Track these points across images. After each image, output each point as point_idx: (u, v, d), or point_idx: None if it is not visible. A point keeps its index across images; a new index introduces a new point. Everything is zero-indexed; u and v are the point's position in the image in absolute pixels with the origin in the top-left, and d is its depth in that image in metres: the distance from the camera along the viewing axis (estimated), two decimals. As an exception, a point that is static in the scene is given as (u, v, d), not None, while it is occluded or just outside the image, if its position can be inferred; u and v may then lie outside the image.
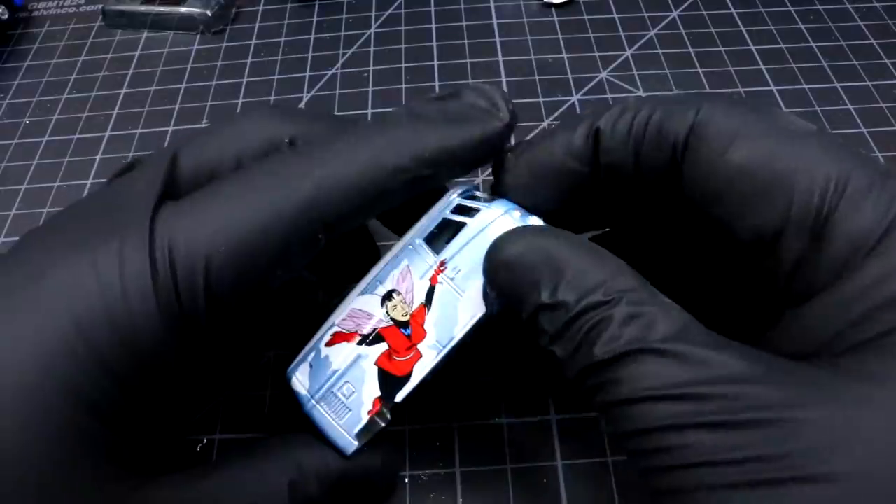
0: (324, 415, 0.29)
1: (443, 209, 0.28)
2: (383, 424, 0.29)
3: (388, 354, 0.28)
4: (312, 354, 0.30)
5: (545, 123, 0.51)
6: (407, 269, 0.28)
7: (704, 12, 0.59)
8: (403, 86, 0.55)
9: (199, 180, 0.27)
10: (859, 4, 0.59)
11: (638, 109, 0.26)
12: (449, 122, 0.27)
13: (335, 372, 0.29)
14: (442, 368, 0.28)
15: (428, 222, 0.29)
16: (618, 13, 0.60)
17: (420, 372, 0.28)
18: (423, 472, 0.35)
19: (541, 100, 0.53)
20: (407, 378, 0.28)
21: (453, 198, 0.29)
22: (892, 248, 0.21)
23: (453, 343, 0.28)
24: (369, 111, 0.53)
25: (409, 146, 0.26)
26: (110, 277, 0.22)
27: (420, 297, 0.28)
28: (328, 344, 0.29)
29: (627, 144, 0.26)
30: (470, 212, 0.28)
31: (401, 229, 0.30)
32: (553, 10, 0.60)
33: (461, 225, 0.27)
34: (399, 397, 0.28)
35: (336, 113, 0.53)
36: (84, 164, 0.52)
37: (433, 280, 0.27)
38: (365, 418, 0.29)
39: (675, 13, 0.59)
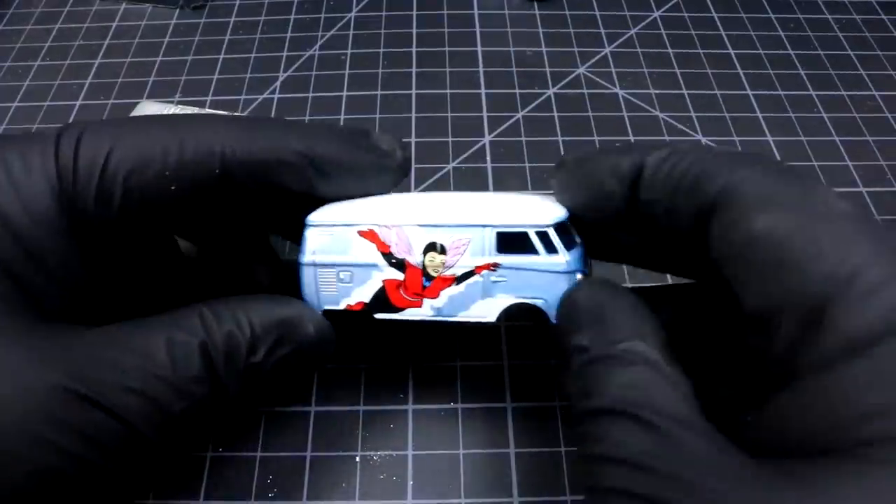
0: (311, 278, 0.30)
1: (530, 222, 0.29)
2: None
3: (397, 284, 0.30)
4: (341, 228, 0.30)
5: (520, 114, 0.51)
6: (466, 242, 0.29)
7: (685, 14, 0.60)
8: (380, 70, 0.55)
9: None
10: (839, 16, 0.60)
11: (683, 156, 0.26)
12: (349, 143, 0.31)
13: (348, 257, 0.30)
14: (420, 325, 0.30)
15: (509, 218, 0.29)
16: (599, 10, 0.60)
17: (409, 315, 0.30)
18: (374, 453, 0.35)
19: (517, 91, 0.53)
20: (396, 310, 0.30)
21: (544, 219, 0.29)
22: (881, 356, 0.20)
23: (449, 320, 0.30)
24: (344, 93, 0.53)
25: (311, 138, 0.30)
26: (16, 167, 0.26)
27: (457, 271, 0.29)
28: (361, 233, 0.30)
29: (665, 188, 0.26)
30: (550, 246, 0.29)
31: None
32: (535, 3, 0.60)
33: (535, 250, 0.29)
34: (379, 316, 0.30)
35: (311, 94, 0.53)
36: (53, 132, 0.51)
37: (478, 269, 0.29)
38: (341, 306, 0.30)
39: (656, 13, 0.60)
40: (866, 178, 0.47)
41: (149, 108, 0.43)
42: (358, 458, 0.35)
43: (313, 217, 0.31)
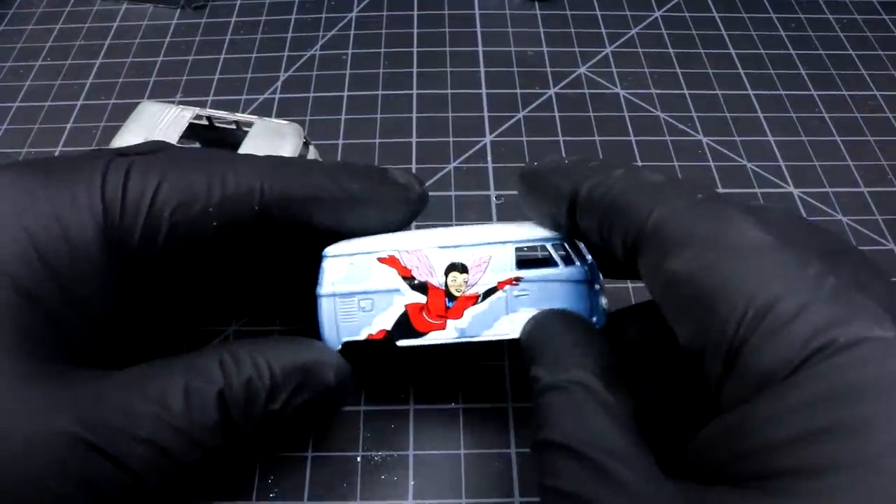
0: (331, 309, 0.30)
1: (544, 237, 0.30)
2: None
3: (420, 308, 0.30)
4: (360, 257, 0.30)
5: (521, 114, 0.51)
6: (488, 259, 0.30)
7: (686, 14, 0.60)
8: (381, 70, 0.55)
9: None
10: (840, 15, 0.60)
11: (610, 188, 0.26)
12: (370, 179, 0.32)
13: (369, 285, 0.30)
14: (443, 349, 0.30)
15: (526, 235, 0.30)
16: (600, 10, 0.60)
17: (433, 339, 0.30)
18: (376, 454, 0.35)
19: (518, 91, 0.53)
20: (419, 335, 0.30)
21: (556, 234, 0.30)
22: (786, 393, 0.19)
23: (475, 340, 0.30)
24: (345, 93, 0.53)
25: (337, 175, 0.31)
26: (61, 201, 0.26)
27: (480, 289, 0.30)
28: (381, 260, 0.30)
29: (594, 219, 0.26)
30: (567, 258, 0.30)
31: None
32: (536, 3, 0.60)
33: (554, 263, 0.30)
34: (401, 343, 0.30)
35: (312, 94, 0.53)
36: (54, 132, 0.51)
37: (500, 285, 0.29)
38: (362, 336, 0.30)
39: (657, 13, 0.60)
40: (867, 179, 0.47)
41: (149, 108, 0.43)
42: (359, 459, 0.35)
43: (330, 249, 0.31)
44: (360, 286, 0.30)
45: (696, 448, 0.22)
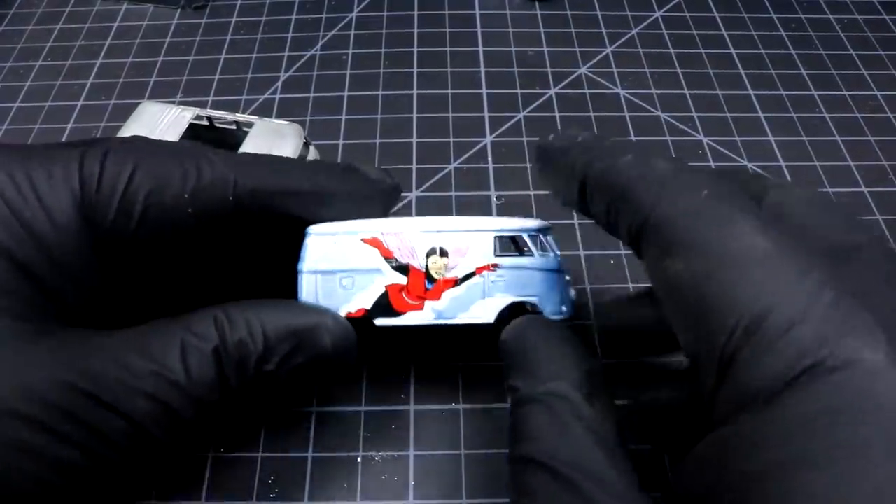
0: (311, 285, 0.31)
1: (523, 226, 0.31)
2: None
3: (400, 288, 0.30)
4: (344, 236, 0.31)
5: (521, 115, 0.51)
6: (467, 246, 0.30)
7: (687, 14, 0.60)
8: (381, 70, 0.55)
9: None
10: (841, 16, 0.60)
11: (619, 173, 0.26)
12: (343, 174, 0.33)
13: (351, 264, 0.31)
14: (421, 331, 0.31)
15: (506, 225, 0.31)
16: (601, 10, 0.60)
17: (410, 319, 0.30)
18: (376, 454, 0.35)
19: (518, 91, 0.53)
20: (397, 315, 0.30)
21: (533, 224, 0.31)
22: (771, 413, 0.19)
23: (450, 322, 0.30)
24: (345, 94, 0.53)
25: (311, 170, 0.32)
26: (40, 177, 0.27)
27: (459, 273, 0.30)
28: (364, 240, 0.31)
29: (602, 203, 0.26)
30: (542, 247, 0.31)
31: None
32: (536, 3, 0.60)
33: (530, 252, 0.31)
34: (379, 322, 0.30)
35: (312, 95, 0.53)
36: (55, 132, 0.51)
37: (479, 270, 0.30)
38: (342, 313, 0.30)
39: (657, 13, 0.60)
40: (868, 179, 0.47)
41: (150, 108, 0.43)
42: (360, 459, 0.35)
43: (314, 227, 0.31)
44: (343, 265, 0.31)
45: (683, 470, 0.22)
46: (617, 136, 0.50)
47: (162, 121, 0.42)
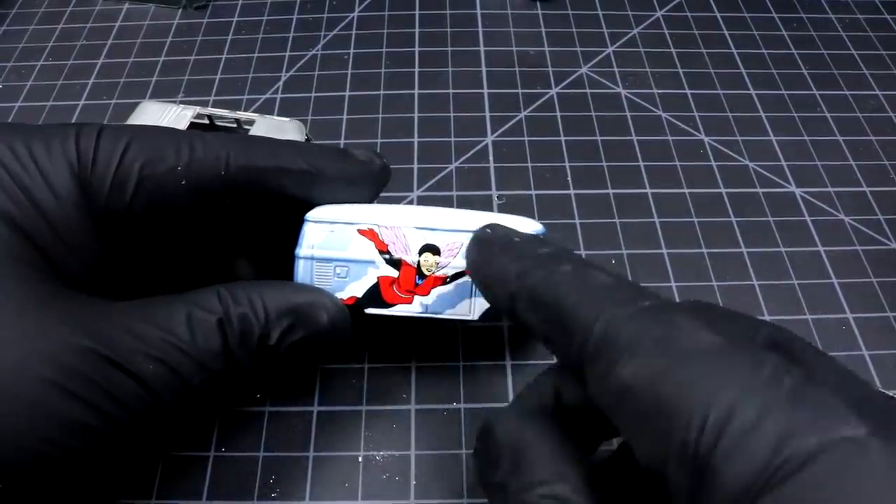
0: (307, 271, 0.32)
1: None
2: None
3: (391, 281, 0.32)
4: (341, 226, 0.32)
5: (523, 114, 0.51)
6: (460, 245, 0.32)
7: (688, 14, 0.60)
8: (383, 70, 0.55)
9: None
10: (842, 15, 0.60)
11: (554, 288, 0.25)
12: (334, 155, 0.33)
13: (346, 253, 0.32)
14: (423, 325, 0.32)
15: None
16: (602, 10, 0.60)
17: (399, 310, 0.32)
18: (377, 453, 0.35)
19: (520, 91, 0.53)
20: (387, 306, 0.32)
21: (529, 229, 0.31)
22: None
23: (437, 316, 0.32)
24: (347, 93, 0.53)
25: (303, 149, 0.32)
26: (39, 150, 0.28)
27: (449, 271, 0.32)
28: (360, 231, 0.32)
29: (537, 318, 0.25)
30: None
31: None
32: (537, 2, 0.60)
33: None
34: (369, 311, 0.32)
35: (314, 94, 0.53)
36: (56, 132, 0.51)
37: (468, 271, 0.30)
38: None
39: (659, 13, 0.60)
40: (869, 178, 0.47)
41: (150, 107, 0.43)
42: (361, 458, 0.35)
43: (313, 214, 0.32)
44: (338, 254, 0.32)
45: None
46: (618, 137, 0.50)
47: (163, 119, 0.42)
